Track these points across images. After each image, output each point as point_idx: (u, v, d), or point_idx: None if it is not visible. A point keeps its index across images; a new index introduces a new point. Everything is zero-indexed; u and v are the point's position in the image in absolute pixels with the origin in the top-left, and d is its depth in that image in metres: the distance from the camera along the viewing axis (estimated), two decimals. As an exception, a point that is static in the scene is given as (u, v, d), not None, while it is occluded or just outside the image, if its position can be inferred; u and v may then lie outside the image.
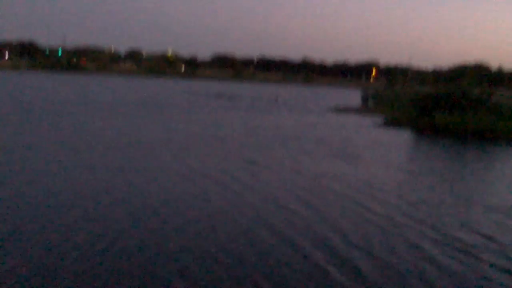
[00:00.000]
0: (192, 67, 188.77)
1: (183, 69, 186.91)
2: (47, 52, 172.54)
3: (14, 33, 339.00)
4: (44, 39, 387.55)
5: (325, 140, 26.26)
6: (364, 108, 54.25)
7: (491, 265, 9.26)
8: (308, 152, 21.89)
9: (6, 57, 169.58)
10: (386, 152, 23.27)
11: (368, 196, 14.21)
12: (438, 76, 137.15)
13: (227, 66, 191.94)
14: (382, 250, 9.75)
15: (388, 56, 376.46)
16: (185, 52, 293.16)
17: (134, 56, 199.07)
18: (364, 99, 62.60)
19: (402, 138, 29.60)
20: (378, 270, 8.73)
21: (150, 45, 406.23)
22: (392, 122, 37.27)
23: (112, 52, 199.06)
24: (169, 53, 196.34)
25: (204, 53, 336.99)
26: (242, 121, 35.12)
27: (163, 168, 16.67)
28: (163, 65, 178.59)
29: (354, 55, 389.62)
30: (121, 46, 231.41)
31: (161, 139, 23.47)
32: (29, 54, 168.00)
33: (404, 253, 9.67)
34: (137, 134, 24.84)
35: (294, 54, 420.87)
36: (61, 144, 20.55)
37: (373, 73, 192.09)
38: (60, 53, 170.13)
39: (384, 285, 8.13)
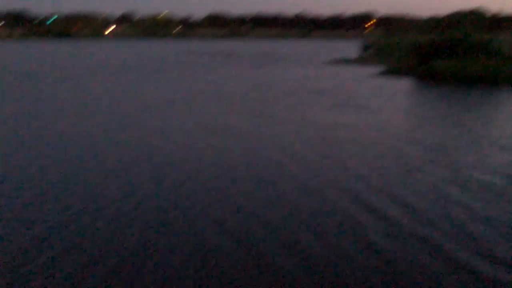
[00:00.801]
0: (187, 27, 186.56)
1: (177, 29, 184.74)
2: (39, 21, 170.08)
3: (5, 2, 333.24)
4: (36, 7, 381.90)
5: (328, 91, 26.29)
6: (363, 59, 53.90)
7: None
8: (316, 104, 21.94)
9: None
10: (389, 100, 23.29)
11: (384, 143, 14.24)
12: (436, 24, 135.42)
13: (222, 25, 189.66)
14: (407, 194, 9.81)
15: (385, 6, 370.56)
16: (180, 12, 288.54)
17: (127, 19, 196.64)
18: (362, 50, 62.16)
19: (404, 86, 29.53)
20: (404, 213, 8.80)
21: (143, 8, 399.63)
22: (392, 71, 37.09)
23: (105, 17, 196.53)
24: (163, 15, 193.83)
25: (198, 13, 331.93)
26: (244, 77, 35.00)
27: (183, 124, 16.79)
28: (157, 27, 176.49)
29: (350, 7, 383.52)
30: (114, 10, 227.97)
31: (174, 97, 23.52)
32: (21, 23, 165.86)
33: (429, 195, 9.75)
34: (144, 94, 24.85)
35: (289, 9, 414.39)
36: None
37: (371, 24, 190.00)
38: (52, 20, 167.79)
39: (412, 227, 8.22)
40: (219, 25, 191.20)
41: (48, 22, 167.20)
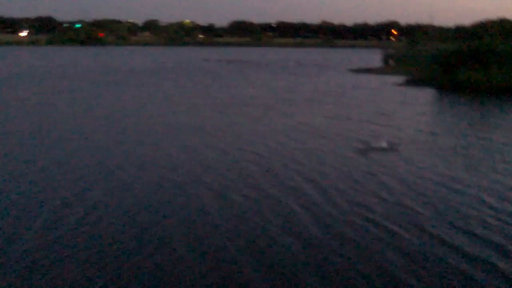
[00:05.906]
0: (210, 35, 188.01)
1: (201, 37, 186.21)
2: (65, 27, 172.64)
3: (31, 9, 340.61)
4: (62, 15, 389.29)
5: (353, 101, 26.83)
6: (386, 68, 53.74)
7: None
8: (353, 111, 22.69)
9: (25, 33, 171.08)
10: (417, 110, 23.55)
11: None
12: (460, 34, 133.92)
13: (245, 33, 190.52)
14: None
15: (408, 16, 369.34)
16: (202, 20, 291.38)
17: (151, 26, 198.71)
18: (385, 59, 61.87)
19: (427, 96, 29.42)
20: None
21: (166, 15, 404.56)
22: (414, 81, 36.91)
23: (130, 23, 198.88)
24: (186, 22, 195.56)
25: (221, 21, 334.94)
26: (273, 84, 35.70)
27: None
28: (181, 34, 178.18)
29: (373, 17, 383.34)
30: (138, 18, 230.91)
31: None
32: (46, 30, 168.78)
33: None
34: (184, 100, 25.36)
35: (312, 18, 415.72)
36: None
37: (394, 33, 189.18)
38: (78, 26, 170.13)
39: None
40: (242, 33, 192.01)
41: (77, 26, 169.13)
